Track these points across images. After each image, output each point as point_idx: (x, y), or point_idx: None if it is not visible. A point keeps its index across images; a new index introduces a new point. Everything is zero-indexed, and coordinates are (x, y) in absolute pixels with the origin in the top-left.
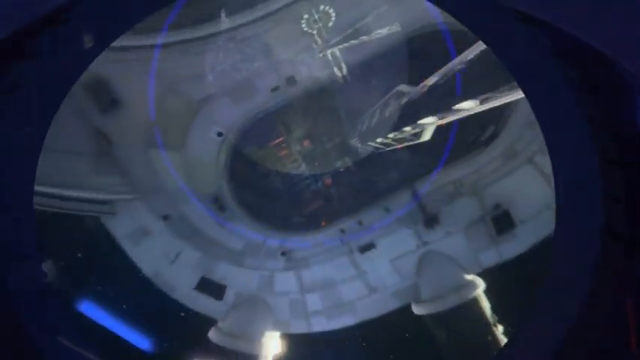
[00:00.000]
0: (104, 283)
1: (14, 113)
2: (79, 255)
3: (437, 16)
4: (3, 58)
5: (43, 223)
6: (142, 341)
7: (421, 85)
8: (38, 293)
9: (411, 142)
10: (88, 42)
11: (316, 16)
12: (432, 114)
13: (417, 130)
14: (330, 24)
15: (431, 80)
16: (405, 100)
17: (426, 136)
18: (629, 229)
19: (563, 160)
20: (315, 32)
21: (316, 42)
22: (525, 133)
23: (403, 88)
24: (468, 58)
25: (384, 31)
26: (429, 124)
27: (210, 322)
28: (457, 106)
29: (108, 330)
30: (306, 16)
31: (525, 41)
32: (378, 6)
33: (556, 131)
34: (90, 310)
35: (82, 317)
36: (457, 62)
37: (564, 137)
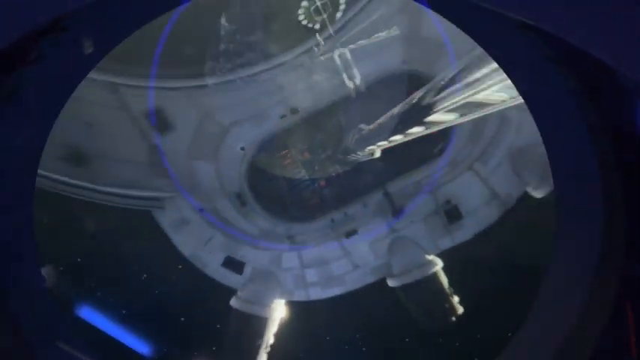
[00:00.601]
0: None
1: (15, 116)
2: (79, 260)
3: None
4: (5, 64)
5: (45, 226)
6: (141, 346)
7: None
8: (37, 296)
9: (370, 157)
10: (88, 48)
11: (319, 3)
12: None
13: (371, 150)
14: (339, 14)
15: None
16: (363, 132)
17: (377, 154)
18: (629, 229)
19: (562, 161)
20: (317, 26)
21: (318, 43)
22: (465, 149)
23: (362, 126)
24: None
25: (383, 35)
26: (376, 148)
27: (232, 291)
28: (428, 119)
29: (107, 334)
30: (305, 3)
31: (524, 46)
32: (377, 8)
33: (555, 133)
34: (90, 314)
35: (81, 321)
36: (437, 80)
37: (563, 138)
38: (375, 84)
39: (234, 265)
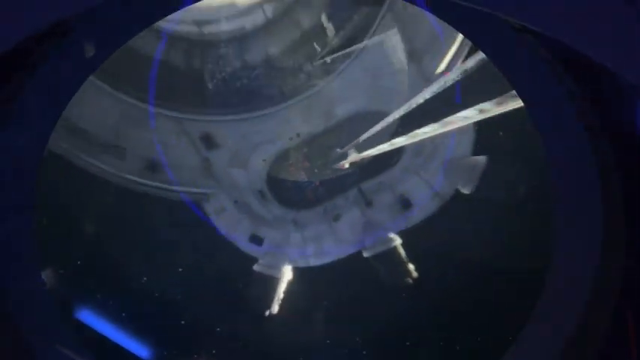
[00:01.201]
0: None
1: (16, 118)
2: (79, 262)
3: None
4: (6, 67)
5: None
6: (141, 350)
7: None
8: (38, 300)
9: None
10: (89, 51)
11: None
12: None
13: (342, 164)
14: None
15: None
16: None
17: (346, 165)
18: (629, 229)
19: (562, 162)
20: None
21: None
22: (412, 160)
23: (338, 150)
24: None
25: (383, 37)
26: (344, 162)
27: (254, 260)
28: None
29: (108, 338)
30: None
31: (522, 48)
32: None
33: (554, 134)
34: (90, 318)
35: (82, 326)
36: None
37: (563, 139)
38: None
39: (257, 240)
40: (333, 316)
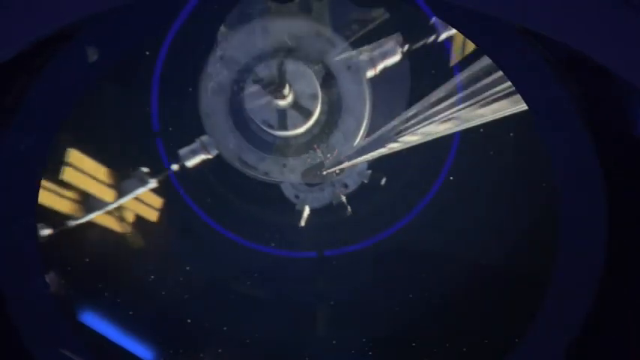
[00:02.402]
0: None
1: (18, 122)
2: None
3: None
4: (9, 74)
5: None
6: (143, 351)
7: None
8: (40, 304)
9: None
10: (92, 55)
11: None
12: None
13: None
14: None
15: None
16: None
17: (324, 173)
18: (631, 232)
19: (563, 164)
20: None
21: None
22: (349, 168)
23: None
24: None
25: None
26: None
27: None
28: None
29: (110, 341)
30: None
31: (525, 50)
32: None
33: (555, 135)
34: (93, 321)
35: (85, 328)
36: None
37: (564, 141)
38: None
39: (297, 197)
40: (334, 316)
